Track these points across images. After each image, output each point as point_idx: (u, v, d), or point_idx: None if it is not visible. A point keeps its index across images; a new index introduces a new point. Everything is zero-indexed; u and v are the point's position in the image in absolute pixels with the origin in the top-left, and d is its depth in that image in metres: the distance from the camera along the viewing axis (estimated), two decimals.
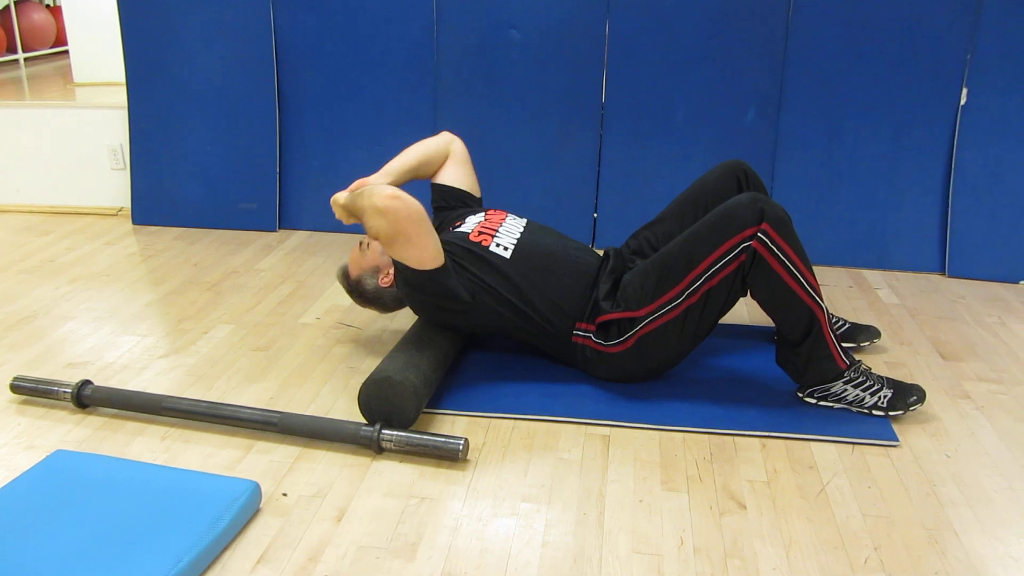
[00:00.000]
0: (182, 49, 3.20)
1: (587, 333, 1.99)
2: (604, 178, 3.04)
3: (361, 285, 2.15)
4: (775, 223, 1.79)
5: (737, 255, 1.81)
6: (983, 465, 1.75)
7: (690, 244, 1.88)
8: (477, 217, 2.17)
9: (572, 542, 1.51)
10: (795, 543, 1.51)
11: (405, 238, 1.86)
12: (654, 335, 1.91)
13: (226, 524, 1.48)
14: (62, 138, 3.48)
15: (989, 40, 2.72)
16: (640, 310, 1.91)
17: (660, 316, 1.89)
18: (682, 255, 1.88)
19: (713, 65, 2.90)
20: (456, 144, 2.33)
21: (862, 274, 2.86)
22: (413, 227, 1.85)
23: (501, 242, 2.04)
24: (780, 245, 1.79)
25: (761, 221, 1.78)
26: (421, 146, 2.27)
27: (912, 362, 2.20)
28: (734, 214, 1.82)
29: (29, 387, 1.98)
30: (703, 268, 1.84)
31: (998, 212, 2.80)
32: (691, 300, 1.86)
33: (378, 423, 1.77)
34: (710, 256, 1.83)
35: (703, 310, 1.88)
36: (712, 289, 1.85)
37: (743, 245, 1.80)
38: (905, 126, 2.84)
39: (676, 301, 1.87)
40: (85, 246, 3.10)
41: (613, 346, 1.96)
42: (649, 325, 1.90)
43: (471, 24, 3.00)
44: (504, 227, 2.11)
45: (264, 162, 3.23)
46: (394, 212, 1.82)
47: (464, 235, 2.06)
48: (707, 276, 1.84)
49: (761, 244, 1.79)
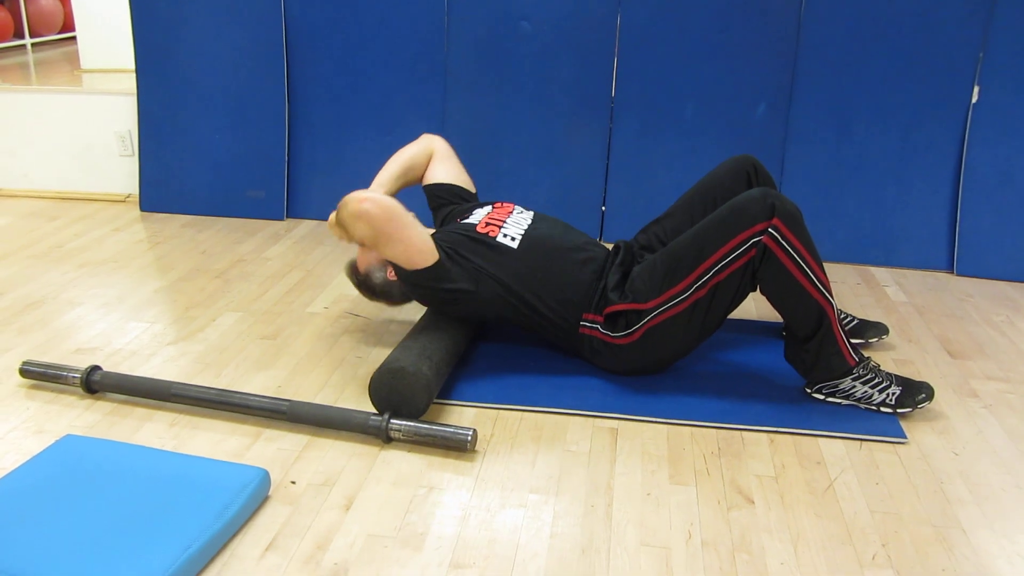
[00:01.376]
0: (192, 37, 3.19)
1: (594, 324, 1.99)
2: (613, 171, 3.04)
3: (369, 279, 2.15)
4: (786, 218, 1.79)
5: (747, 250, 1.81)
6: (991, 463, 1.76)
7: (700, 238, 1.88)
8: (484, 209, 2.17)
9: (580, 534, 1.51)
10: (803, 538, 1.51)
11: (387, 237, 1.88)
12: (661, 328, 1.91)
13: (236, 511, 1.49)
14: (70, 124, 3.48)
15: (1001, 38, 2.71)
16: (648, 303, 1.91)
17: (668, 309, 1.89)
18: (691, 249, 1.88)
19: (724, 60, 2.89)
20: (437, 142, 2.34)
21: (870, 271, 2.86)
22: (391, 224, 1.87)
23: (509, 232, 2.04)
24: (791, 240, 1.79)
25: (772, 216, 1.78)
26: (402, 152, 2.29)
27: (920, 360, 2.20)
28: (745, 209, 1.82)
29: (38, 372, 1.98)
30: (712, 262, 1.84)
31: (1007, 211, 2.80)
32: (699, 294, 1.86)
33: (387, 412, 1.77)
34: (719, 250, 1.83)
35: (711, 304, 1.88)
36: (720, 283, 1.85)
37: (753, 240, 1.80)
38: (915, 123, 2.83)
39: (684, 295, 1.87)
40: (93, 232, 3.10)
41: (620, 338, 1.96)
42: (657, 318, 1.90)
43: (482, 15, 2.99)
44: (511, 218, 2.11)
45: (272, 151, 3.23)
46: (367, 214, 1.85)
47: (471, 226, 2.06)
48: (716, 270, 1.84)
49: (772, 239, 1.78)
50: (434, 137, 2.35)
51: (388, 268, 2.10)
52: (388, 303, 2.22)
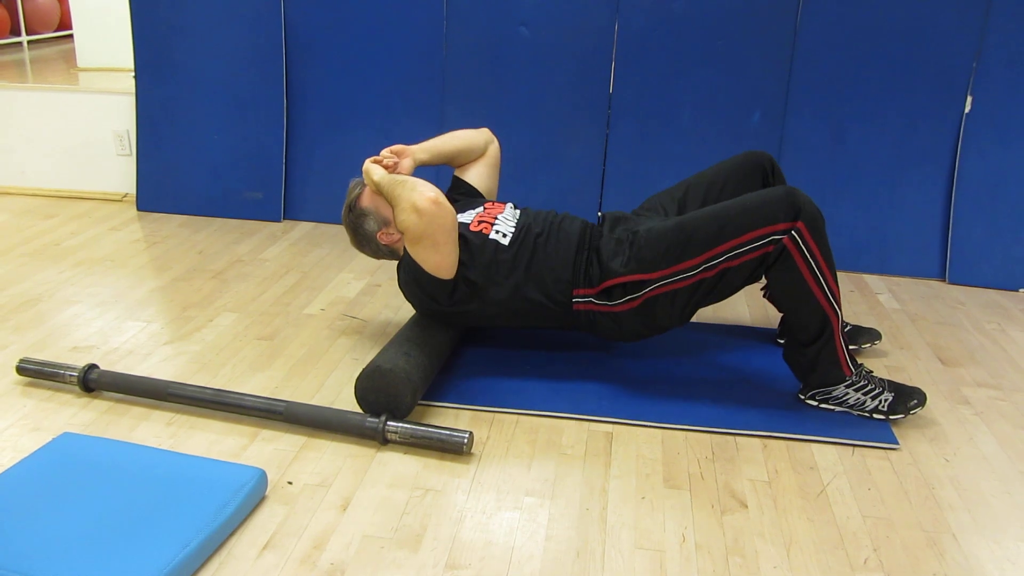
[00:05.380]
0: (192, 37, 3.20)
1: (587, 298, 1.97)
2: (609, 176, 3.05)
3: (363, 221, 2.07)
4: (810, 223, 1.79)
5: (765, 245, 1.80)
6: (981, 469, 1.77)
7: (720, 220, 1.86)
8: (476, 209, 2.18)
9: (575, 536, 1.53)
10: (796, 542, 1.53)
11: (432, 243, 1.89)
12: (662, 298, 1.91)
13: (233, 510, 1.49)
14: (68, 122, 3.48)
15: (995, 49, 2.73)
16: (654, 273, 1.89)
17: (673, 282, 1.88)
18: (710, 228, 1.86)
19: (720, 67, 2.91)
20: (494, 146, 2.34)
21: (863, 278, 2.88)
22: (443, 235, 1.88)
23: (500, 229, 2.04)
24: (810, 245, 1.80)
25: (797, 218, 1.78)
26: (464, 135, 2.26)
27: (912, 367, 2.22)
28: (771, 204, 1.81)
29: (35, 369, 1.98)
30: (728, 247, 1.83)
31: (999, 220, 2.82)
32: (707, 274, 1.86)
33: (383, 415, 1.78)
34: (738, 238, 1.82)
35: (716, 286, 1.88)
36: (731, 269, 1.84)
37: (772, 237, 1.80)
38: (909, 132, 2.85)
39: (692, 272, 1.86)
40: (90, 231, 3.10)
41: (617, 305, 1.95)
42: (660, 288, 1.89)
43: (481, 19, 3.00)
44: (502, 216, 2.11)
45: (271, 152, 3.24)
46: (430, 216, 1.84)
47: (464, 225, 2.07)
48: (729, 256, 1.83)
49: (792, 241, 1.79)
50: (494, 138, 2.34)
51: (384, 229, 2.05)
52: (368, 253, 2.15)
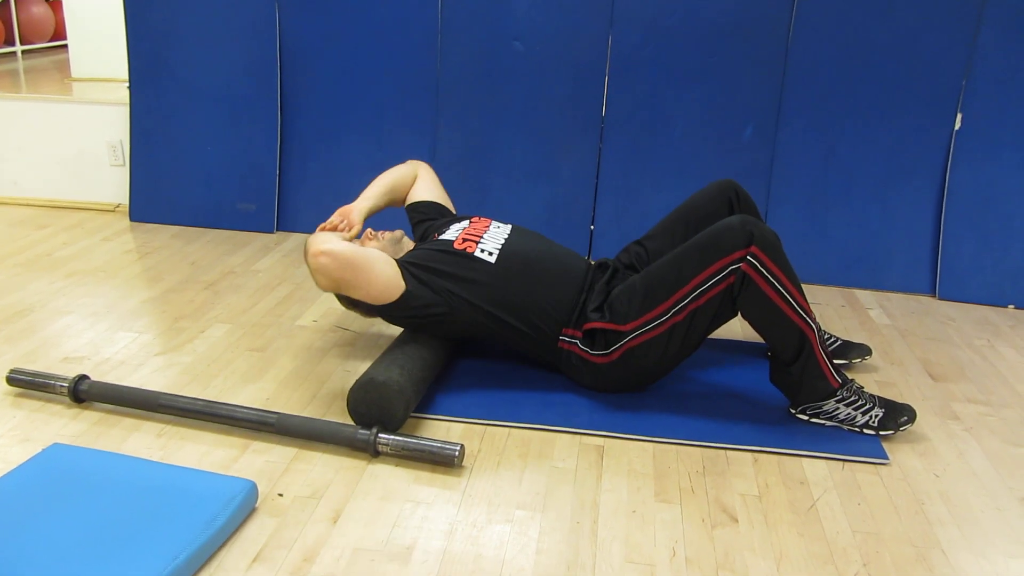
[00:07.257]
0: (187, 48, 3.21)
1: (573, 339, 2.01)
2: (602, 191, 3.07)
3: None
4: (764, 246, 1.82)
5: (725, 277, 1.84)
6: (971, 485, 1.78)
7: (679, 263, 1.91)
8: (461, 224, 2.18)
9: (566, 550, 1.52)
10: (786, 557, 1.53)
11: (347, 284, 1.92)
12: (640, 349, 1.94)
13: (223, 522, 1.49)
14: (61, 133, 3.48)
15: (984, 66, 2.76)
16: (626, 324, 1.93)
17: (646, 332, 1.92)
18: (670, 273, 1.91)
19: (713, 82, 2.93)
20: (423, 167, 2.41)
21: (854, 294, 2.90)
22: (349, 272, 1.90)
23: (486, 247, 2.05)
24: (770, 267, 1.82)
25: (750, 244, 1.81)
26: (390, 172, 2.34)
27: (902, 382, 2.23)
28: (723, 236, 1.85)
29: (26, 380, 1.98)
30: (690, 288, 1.87)
31: (989, 237, 2.85)
32: (677, 318, 1.89)
33: (375, 427, 1.78)
34: (697, 276, 1.86)
35: (689, 328, 1.90)
36: (698, 309, 1.88)
37: (731, 267, 1.83)
38: (900, 148, 2.88)
39: (662, 318, 1.90)
40: (82, 241, 3.09)
41: (599, 356, 1.98)
42: (635, 339, 1.93)
43: (475, 34, 3.02)
44: (489, 233, 2.12)
45: (264, 164, 3.24)
46: (324, 268, 1.88)
47: (449, 243, 2.07)
48: (694, 296, 1.87)
49: (750, 266, 1.82)
50: (421, 163, 2.41)
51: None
52: (363, 314, 2.17)
